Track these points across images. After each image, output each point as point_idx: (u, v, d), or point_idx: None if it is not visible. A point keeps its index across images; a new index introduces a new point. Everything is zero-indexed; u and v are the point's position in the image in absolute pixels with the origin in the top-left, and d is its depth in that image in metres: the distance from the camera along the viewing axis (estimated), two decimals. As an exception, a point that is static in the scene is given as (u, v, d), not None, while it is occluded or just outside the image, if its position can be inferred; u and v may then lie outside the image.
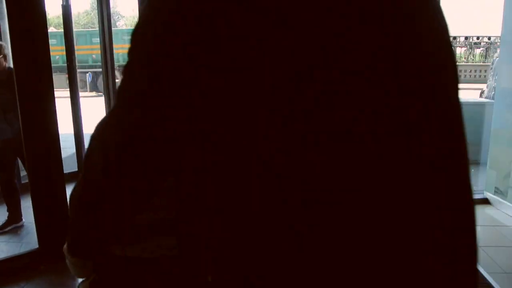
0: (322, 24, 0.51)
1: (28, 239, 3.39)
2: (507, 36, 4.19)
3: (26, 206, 3.45)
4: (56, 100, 2.72)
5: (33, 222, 2.89)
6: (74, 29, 4.69)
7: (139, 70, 0.56)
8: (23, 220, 3.70)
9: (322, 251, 0.56)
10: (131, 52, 0.57)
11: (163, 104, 0.54)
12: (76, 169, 4.46)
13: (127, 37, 0.57)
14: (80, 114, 4.59)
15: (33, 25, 2.44)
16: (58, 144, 2.72)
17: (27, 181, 4.21)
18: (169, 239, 0.84)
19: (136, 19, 0.61)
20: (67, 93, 4.71)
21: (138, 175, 0.60)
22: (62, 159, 2.88)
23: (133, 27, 0.57)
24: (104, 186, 0.63)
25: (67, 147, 4.85)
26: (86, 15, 28.17)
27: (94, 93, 15.75)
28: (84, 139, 4.64)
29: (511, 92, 4.08)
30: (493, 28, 22.80)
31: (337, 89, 0.52)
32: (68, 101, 4.61)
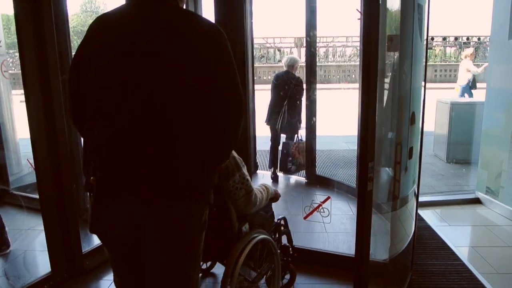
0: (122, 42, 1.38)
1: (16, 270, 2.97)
2: (496, 36, 4.22)
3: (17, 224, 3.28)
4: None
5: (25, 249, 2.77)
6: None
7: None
8: (10, 246, 3.16)
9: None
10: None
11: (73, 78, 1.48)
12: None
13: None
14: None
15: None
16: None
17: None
18: None
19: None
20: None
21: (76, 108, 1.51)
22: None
23: None
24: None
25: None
26: (77, 17, 27.99)
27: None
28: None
29: (501, 92, 4.10)
30: (482, 28, 22.98)
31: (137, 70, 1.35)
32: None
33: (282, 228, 2.52)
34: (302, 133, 5.06)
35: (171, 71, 1.32)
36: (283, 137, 5.18)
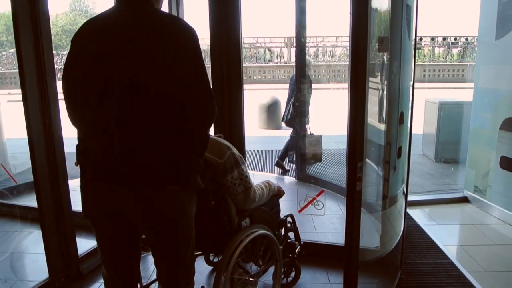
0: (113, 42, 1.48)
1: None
2: (483, 37, 4.26)
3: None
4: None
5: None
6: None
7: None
8: None
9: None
10: None
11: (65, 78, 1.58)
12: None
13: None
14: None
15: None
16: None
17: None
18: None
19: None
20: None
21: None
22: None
23: None
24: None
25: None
26: (65, 16, 27.72)
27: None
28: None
29: (488, 91, 4.14)
30: (470, 29, 23.25)
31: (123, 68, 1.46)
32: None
33: (289, 225, 2.56)
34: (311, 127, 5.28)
35: (147, 70, 1.44)
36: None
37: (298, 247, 2.60)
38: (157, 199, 1.52)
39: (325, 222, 3.58)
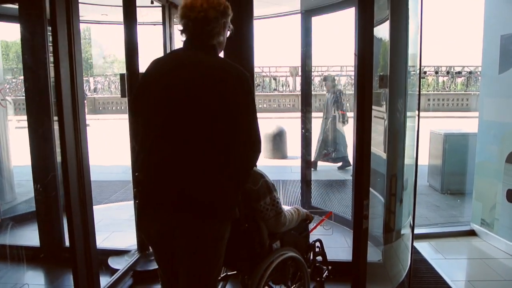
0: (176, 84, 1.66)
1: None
2: (487, 70, 4.31)
3: None
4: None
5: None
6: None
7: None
8: None
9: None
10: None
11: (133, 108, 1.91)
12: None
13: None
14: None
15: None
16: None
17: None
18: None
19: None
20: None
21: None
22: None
23: None
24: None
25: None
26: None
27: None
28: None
29: (493, 124, 4.16)
30: (474, 59, 23.44)
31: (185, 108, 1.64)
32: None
33: (318, 249, 2.69)
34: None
35: (201, 112, 1.61)
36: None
37: (326, 271, 2.70)
38: (198, 227, 1.67)
39: (331, 255, 3.53)
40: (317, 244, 2.69)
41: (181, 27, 1.76)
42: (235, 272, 2.53)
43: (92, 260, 2.57)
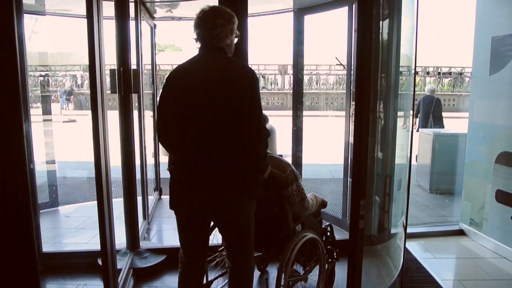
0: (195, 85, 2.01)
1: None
2: (477, 72, 4.35)
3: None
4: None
5: None
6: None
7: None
8: None
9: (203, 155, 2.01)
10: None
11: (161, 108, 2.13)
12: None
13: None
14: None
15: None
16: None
17: None
18: None
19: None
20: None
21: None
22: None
23: None
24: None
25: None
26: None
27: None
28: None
29: (483, 126, 4.20)
30: (461, 60, 23.75)
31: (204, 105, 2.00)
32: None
33: (328, 233, 2.95)
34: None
35: (222, 105, 1.95)
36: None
37: (335, 253, 2.93)
38: (226, 202, 2.02)
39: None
40: (328, 228, 2.95)
41: (195, 36, 2.10)
42: (260, 254, 2.88)
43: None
